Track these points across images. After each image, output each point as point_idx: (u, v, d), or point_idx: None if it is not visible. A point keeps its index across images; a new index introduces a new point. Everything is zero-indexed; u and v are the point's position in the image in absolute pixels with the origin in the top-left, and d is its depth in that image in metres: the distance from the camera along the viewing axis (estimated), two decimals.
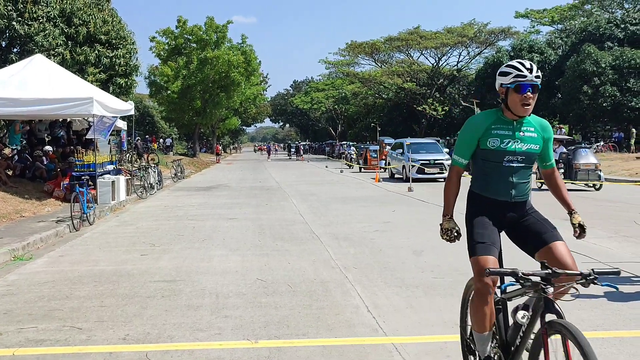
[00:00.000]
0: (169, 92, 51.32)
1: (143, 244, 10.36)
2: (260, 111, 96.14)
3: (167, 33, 52.86)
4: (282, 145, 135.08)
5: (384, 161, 32.36)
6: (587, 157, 20.86)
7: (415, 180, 23.72)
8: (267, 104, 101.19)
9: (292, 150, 72.86)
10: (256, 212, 14.86)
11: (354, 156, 42.02)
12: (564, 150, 21.19)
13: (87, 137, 16.61)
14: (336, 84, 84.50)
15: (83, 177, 13.42)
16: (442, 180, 20.58)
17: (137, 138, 25.31)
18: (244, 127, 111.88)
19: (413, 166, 24.52)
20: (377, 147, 36.52)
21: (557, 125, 44.73)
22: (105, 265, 8.61)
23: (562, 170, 20.24)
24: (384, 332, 5.43)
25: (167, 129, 72.12)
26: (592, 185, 20.69)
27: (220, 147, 70.97)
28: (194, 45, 52.64)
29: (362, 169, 35.94)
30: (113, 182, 16.44)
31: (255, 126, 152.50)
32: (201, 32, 51.84)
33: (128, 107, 18.09)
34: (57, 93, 14.92)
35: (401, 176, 26.64)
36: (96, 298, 6.76)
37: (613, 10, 59.94)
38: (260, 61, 57.27)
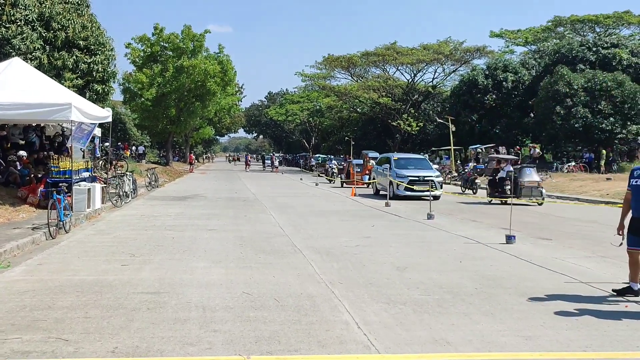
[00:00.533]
0: (143, 99, 50.88)
1: (122, 254, 10.20)
2: (234, 121, 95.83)
3: (143, 40, 52.45)
4: (254, 156, 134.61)
5: (367, 176, 31.14)
6: (530, 176, 22.94)
7: (402, 198, 23.07)
8: (242, 114, 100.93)
9: (267, 161, 72.80)
10: (235, 224, 14.76)
11: (335, 170, 40.30)
12: (511, 169, 22.50)
13: (67, 145, 16.30)
14: (311, 96, 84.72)
15: (60, 184, 13.17)
16: (430, 198, 19.85)
17: (106, 144, 24.84)
18: (217, 137, 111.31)
19: (400, 183, 23.26)
20: (361, 162, 35.26)
21: (530, 145, 45.39)
22: (85, 275, 8.45)
23: (508, 187, 21.66)
24: (377, 350, 5.41)
25: (138, 137, 71.41)
26: (535, 200, 22.46)
27: (194, 157, 70.46)
28: (170, 53, 52.34)
29: (344, 183, 34.03)
30: (89, 189, 16.19)
31: (229, 136, 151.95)
32: (178, 40, 51.58)
33: (106, 114, 17.88)
34: (35, 98, 14.69)
35: (386, 193, 23.86)
36: (80, 309, 6.62)
37: (585, 33, 61.28)
38: (236, 71, 57.10)
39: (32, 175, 17.77)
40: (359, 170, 33.49)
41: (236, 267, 9.20)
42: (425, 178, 23.41)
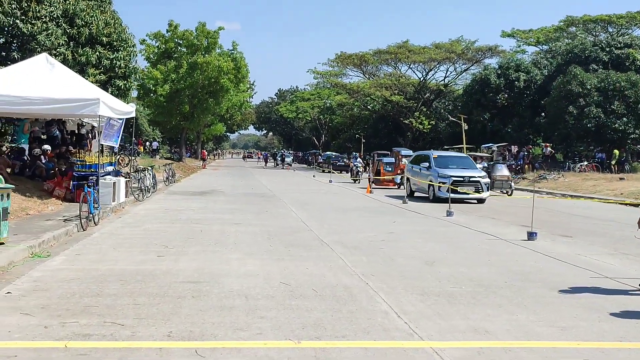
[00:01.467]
0: (157, 95, 51.26)
1: (156, 246, 10.47)
2: (245, 118, 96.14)
3: (158, 36, 52.84)
4: (263, 153, 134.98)
5: (399, 176, 28.28)
6: (502, 171, 27.58)
7: (443, 200, 19.72)
8: (252, 111, 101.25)
9: (278, 158, 73.11)
10: (259, 219, 15.02)
11: (360, 169, 36.66)
12: (485, 165, 27.15)
13: (100, 142, 16.67)
14: (322, 94, 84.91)
15: (91, 178, 13.46)
16: (476, 201, 19.75)
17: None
18: (227, 133, 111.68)
19: (443, 184, 20.75)
20: (392, 160, 31.98)
21: (543, 144, 45.48)
22: (125, 265, 8.72)
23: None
24: (420, 337, 5.65)
25: (150, 132, 71.82)
26: (505, 192, 26.86)
27: (206, 153, 70.81)
28: (184, 49, 52.71)
29: (373, 183, 28.84)
30: (114, 183, 16.49)
31: (239, 133, 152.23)
32: (192, 37, 51.93)
33: (130, 109, 18.16)
34: (64, 93, 14.96)
35: (424, 194, 22.73)
36: (127, 296, 6.89)
37: (597, 33, 61.18)
38: (249, 69, 57.37)
39: (56, 168, 18.11)
40: (389, 169, 30.66)
41: (269, 259, 9.46)
42: (471, 179, 21.37)
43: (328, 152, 72.19)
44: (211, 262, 9.08)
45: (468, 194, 20.84)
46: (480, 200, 21.50)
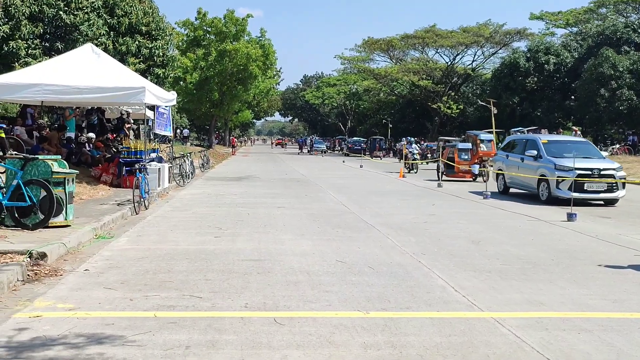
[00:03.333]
0: (186, 82, 51.90)
1: (209, 228, 10.93)
2: (271, 105, 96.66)
3: (187, 24, 53.42)
4: (290, 139, 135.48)
5: (477, 165, 24.05)
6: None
7: (566, 202, 14.66)
8: (278, 97, 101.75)
9: (316, 145, 72.66)
10: (300, 202, 15.44)
11: (417, 156, 32.41)
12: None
13: (154, 131, 17.25)
14: (348, 79, 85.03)
15: (142, 164, 13.97)
16: (604, 203, 16.09)
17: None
18: (254, 120, 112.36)
19: (563, 178, 15.85)
20: (469, 146, 26.15)
21: (573, 128, 45.22)
22: (186, 245, 9.19)
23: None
24: (480, 308, 6.00)
25: (178, 120, 72.69)
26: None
27: (236, 140, 71.47)
28: (213, 37, 53.20)
29: (444, 175, 24.96)
30: (159, 169, 17.02)
31: (265, 119, 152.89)
32: (221, 25, 52.38)
33: (172, 96, 18.64)
34: (111, 82, 15.45)
35: (528, 192, 17.64)
36: (197, 272, 7.33)
37: (628, 14, 60.31)
38: (277, 57, 57.79)
39: (101, 156, 18.70)
40: (465, 157, 25.35)
41: (320, 239, 9.86)
42: (602, 172, 15.99)
43: (355, 137, 72.48)
44: (266, 242, 9.51)
45: (599, 192, 15.93)
46: (611, 201, 16.26)
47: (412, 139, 39.48)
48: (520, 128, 45.91)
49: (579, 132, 44.75)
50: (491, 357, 4.64)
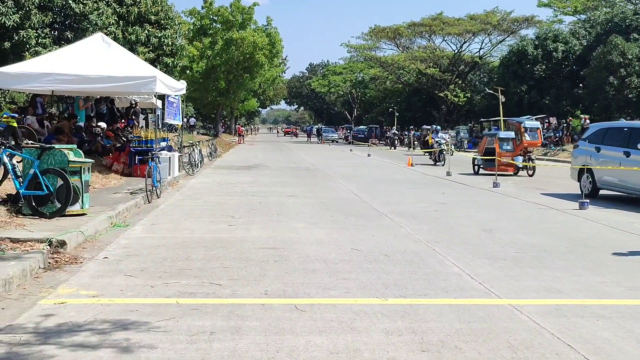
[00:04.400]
0: (192, 71, 51.86)
1: (222, 216, 11.00)
2: (277, 93, 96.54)
3: (193, 13, 53.31)
4: (297, 127, 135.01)
5: (520, 157, 21.59)
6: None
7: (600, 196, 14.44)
8: (284, 86, 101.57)
9: (325, 134, 72.61)
10: (311, 191, 15.49)
11: (444, 146, 28.70)
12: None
13: (164, 121, 17.36)
14: (354, 67, 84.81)
15: (154, 153, 14.04)
16: None
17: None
18: (260, 108, 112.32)
19: None
20: (511, 135, 23.01)
21: (582, 116, 45.05)
22: (201, 233, 9.27)
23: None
24: (497, 295, 6.05)
25: (183, 109, 72.75)
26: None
27: (243, 128, 71.47)
28: (219, 26, 53.08)
29: (481, 168, 22.52)
30: (169, 158, 17.09)
31: (271, 108, 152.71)
32: (227, 13, 52.24)
33: (181, 86, 18.67)
34: (122, 71, 15.49)
35: (622, 194, 14.83)
36: (215, 260, 7.41)
37: (637, 1, 59.86)
38: (283, 45, 57.62)
39: (112, 145, 18.78)
40: (508, 148, 22.25)
41: (333, 227, 9.92)
42: None
43: (361, 127, 72.37)
44: (280, 230, 9.57)
45: None
46: None
47: (438, 127, 34.96)
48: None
49: (587, 121, 44.63)
50: (512, 343, 4.70)
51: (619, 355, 4.49)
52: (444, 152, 27.66)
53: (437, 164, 27.44)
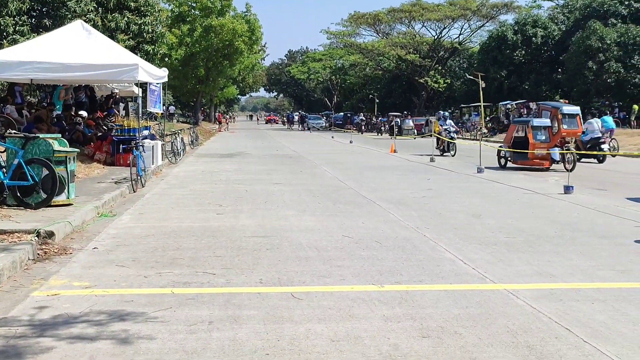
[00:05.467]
0: (171, 59, 51.32)
1: (210, 205, 10.92)
2: (256, 80, 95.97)
3: (172, 0, 52.69)
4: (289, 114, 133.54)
5: (557, 149, 18.34)
6: (408, 124, 44.68)
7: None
8: (263, 73, 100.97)
9: (311, 121, 72.20)
10: (297, 178, 15.44)
11: (454, 134, 25.39)
12: (398, 121, 43.25)
13: (146, 109, 17.16)
14: (334, 54, 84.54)
15: (137, 142, 13.89)
16: None
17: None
18: (239, 96, 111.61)
19: None
20: (547, 123, 19.19)
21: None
22: (190, 222, 9.19)
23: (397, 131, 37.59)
24: (492, 280, 6.08)
25: (164, 96, 72.04)
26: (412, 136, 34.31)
27: (222, 116, 71.00)
28: (198, 12, 52.56)
29: (509, 162, 19.56)
30: (153, 146, 16.92)
31: (250, 95, 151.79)
32: (206, 0, 51.72)
33: (163, 73, 18.45)
34: (103, 59, 15.24)
35: None
36: (206, 249, 7.35)
37: None
38: (262, 32, 57.24)
39: (95, 134, 18.54)
40: (543, 138, 18.79)
41: (322, 215, 9.90)
42: None
43: (340, 114, 72.23)
44: (269, 218, 9.52)
45: None
46: None
47: (447, 113, 29.59)
48: (508, 102, 46.13)
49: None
50: (511, 327, 4.72)
51: (616, 338, 4.53)
52: (455, 141, 24.63)
53: (445, 154, 24.37)
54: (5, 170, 9.23)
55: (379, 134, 47.98)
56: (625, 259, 7.02)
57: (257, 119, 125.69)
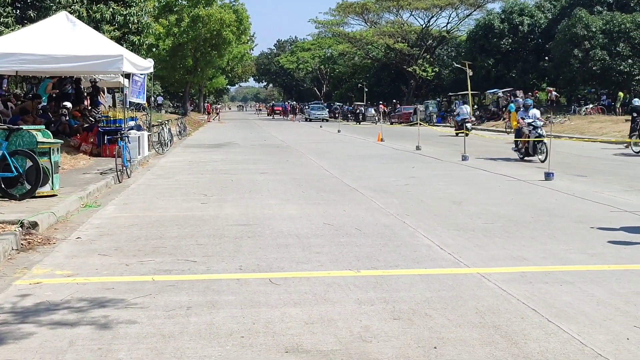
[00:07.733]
0: (159, 49, 51.15)
1: (195, 194, 11.03)
2: (245, 70, 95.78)
3: None
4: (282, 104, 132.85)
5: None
6: (371, 112, 49.99)
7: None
8: (252, 63, 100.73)
9: (288, 109, 72.64)
10: (282, 168, 15.57)
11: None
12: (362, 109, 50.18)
13: (128, 99, 17.20)
14: (323, 43, 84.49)
15: (123, 133, 13.95)
16: None
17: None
18: (228, 86, 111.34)
19: None
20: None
21: (548, 89, 45.71)
22: (174, 211, 9.30)
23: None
24: (466, 265, 6.24)
25: (150, 87, 71.78)
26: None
27: (211, 106, 70.86)
28: (185, 2, 52.40)
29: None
30: (139, 137, 16.98)
31: (240, 85, 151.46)
32: None
33: (149, 64, 18.49)
34: (88, 50, 15.27)
35: None
36: (188, 238, 7.47)
37: None
38: (251, 22, 57.15)
39: (81, 125, 18.57)
40: None
41: (306, 203, 10.04)
42: None
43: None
44: (253, 207, 9.65)
45: None
46: None
47: (529, 100, 20.22)
48: (496, 90, 46.35)
49: (554, 93, 45.33)
50: (479, 309, 4.89)
51: (580, 317, 4.70)
52: (544, 139, 16.40)
53: (528, 158, 17.11)
54: None
55: (346, 121, 52.69)
56: (597, 243, 7.20)
57: (257, 110, 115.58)
